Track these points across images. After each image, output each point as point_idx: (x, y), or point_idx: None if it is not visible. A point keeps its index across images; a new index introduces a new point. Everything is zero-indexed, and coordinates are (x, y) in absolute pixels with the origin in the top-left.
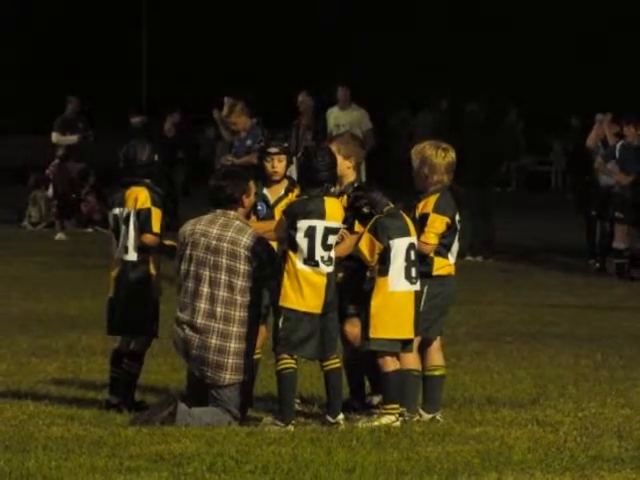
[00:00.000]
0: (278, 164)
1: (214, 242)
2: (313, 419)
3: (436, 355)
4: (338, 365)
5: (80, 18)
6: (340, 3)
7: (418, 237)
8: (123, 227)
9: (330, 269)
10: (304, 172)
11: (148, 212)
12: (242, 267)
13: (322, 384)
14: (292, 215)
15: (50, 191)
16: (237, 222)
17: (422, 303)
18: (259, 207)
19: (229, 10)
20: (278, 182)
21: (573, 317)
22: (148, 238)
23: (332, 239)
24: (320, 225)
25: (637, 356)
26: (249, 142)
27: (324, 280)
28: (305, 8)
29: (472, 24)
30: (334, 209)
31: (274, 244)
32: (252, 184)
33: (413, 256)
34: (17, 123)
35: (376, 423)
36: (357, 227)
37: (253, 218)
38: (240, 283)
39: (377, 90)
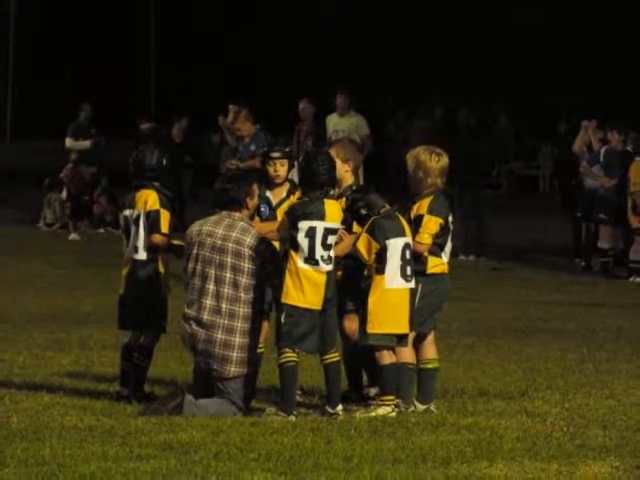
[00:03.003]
0: (280, 168)
1: (219, 242)
2: (313, 410)
3: (430, 349)
4: (337, 358)
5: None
6: (340, 3)
7: (413, 237)
8: (133, 228)
9: (330, 268)
10: (305, 175)
11: (157, 213)
12: (246, 266)
13: (322, 377)
14: (293, 216)
15: (64, 193)
16: (241, 223)
17: (417, 300)
18: (262, 209)
19: (229, 12)
20: (280, 185)
21: (560, 313)
22: (157, 238)
23: (331, 239)
24: (320, 226)
25: (620, 350)
26: (253, 147)
27: (324, 278)
28: (305, 8)
29: (471, 25)
30: (333, 211)
31: (276, 244)
32: (255, 187)
33: (408, 255)
34: (32, 128)
35: (373, 414)
36: (355, 228)
37: (256, 219)
38: (244, 281)
39: (376, 92)
